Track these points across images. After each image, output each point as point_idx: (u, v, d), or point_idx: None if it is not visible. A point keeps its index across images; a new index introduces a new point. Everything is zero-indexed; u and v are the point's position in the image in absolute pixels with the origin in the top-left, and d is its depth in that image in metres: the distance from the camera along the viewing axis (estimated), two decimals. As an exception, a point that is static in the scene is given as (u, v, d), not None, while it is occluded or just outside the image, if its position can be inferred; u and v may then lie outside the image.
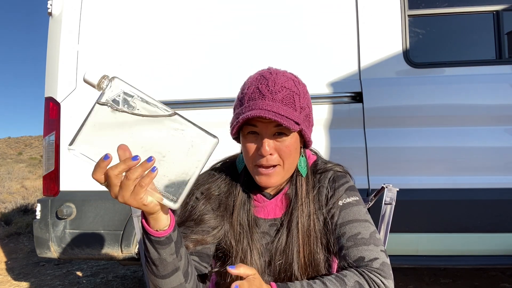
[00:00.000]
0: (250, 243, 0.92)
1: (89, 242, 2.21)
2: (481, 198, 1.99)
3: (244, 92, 0.89)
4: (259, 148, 0.86)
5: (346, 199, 0.92)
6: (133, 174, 0.60)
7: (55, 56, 2.31)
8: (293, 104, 0.85)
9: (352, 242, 0.86)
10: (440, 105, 2.06)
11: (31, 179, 13.16)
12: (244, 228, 0.92)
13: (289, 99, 0.85)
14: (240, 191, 0.95)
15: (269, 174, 0.88)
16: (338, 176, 0.96)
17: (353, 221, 0.88)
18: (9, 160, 35.58)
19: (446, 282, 2.90)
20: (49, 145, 2.25)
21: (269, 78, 0.87)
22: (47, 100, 2.29)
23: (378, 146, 2.07)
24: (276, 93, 0.84)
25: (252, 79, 0.90)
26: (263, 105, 0.83)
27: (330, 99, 2.11)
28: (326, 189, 0.95)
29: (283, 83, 0.86)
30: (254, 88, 0.87)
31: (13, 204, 7.41)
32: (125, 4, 2.30)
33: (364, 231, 0.87)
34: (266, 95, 0.84)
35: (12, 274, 3.65)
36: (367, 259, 0.83)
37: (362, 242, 0.85)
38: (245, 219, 0.93)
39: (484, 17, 2.19)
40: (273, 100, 0.83)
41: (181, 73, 2.23)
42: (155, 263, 0.74)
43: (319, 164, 1.00)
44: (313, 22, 2.16)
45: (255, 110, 0.82)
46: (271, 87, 0.85)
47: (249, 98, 0.86)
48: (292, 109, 0.85)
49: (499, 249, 2.02)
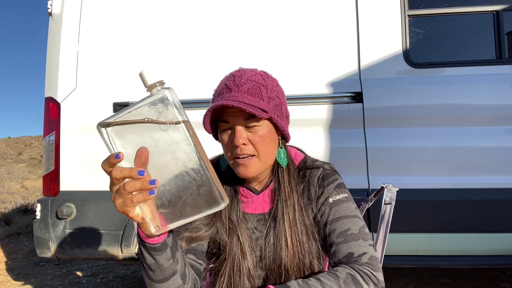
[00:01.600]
0: (241, 237, 0.94)
1: (89, 242, 2.21)
2: (481, 198, 1.99)
3: (215, 90, 0.94)
4: (233, 140, 0.88)
5: (336, 196, 0.94)
6: (129, 187, 0.60)
7: (55, 56, 2.32)
8: (260, 94, 0.87)
9: (342, 238, 0.88)
10: (440, 105, 2.06)
11: (31, 179, 13.16)
12: (234, 223, 0.95)
13: (254, 89, 0.87)
14: (227, 187, 0.98)
15: (245, 163, 0.89)
16: (327, 174, 0.98)
17: (343, 218, 0.91)
18: (9, 160, 35.59)
19: (446, 282, 2.90)
20: (49, 145, 2.25)
21: (237, 74, 0.91)
22: (47, 100, 2.29)
23: (378, 146, 2.07)
24: (241, 85, 0.87)
25: (223, 79, 0.94)
26: (228, 97, 0.86)
27: (330, 99, 2.11)
28: (315, 186, 0.96)
29: (249, 77, 0.89)
30: (222, 85, 0.91)
31: (13, 204, 7.41)
32: (125, 4, 2.30)
33: (354, 226, 0.90)
34: (232, 88, 0.87)
35: (12, 274, 3.65)
36: (356, 254, 0.86)
37: (352, 238, 0.88)
38: (233, 214, 0.96)
39: (484, 17, 2.19)
40: (239, 91, 0.86)
41: (181, 73, 2.23)
42: (152, 268, 0.75)
43: (308, 162, 1.02)
44: (313, 22, 2.16)
45: (220, 101, 0.85)
46: (237, 81, 0.88)
47: (218, 94, 0.91)
48: (259, 98, 0.87)
49: (499, 249, 2.02)
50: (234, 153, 0.89)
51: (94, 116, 2.23)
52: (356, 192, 1.09)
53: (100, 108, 2.23)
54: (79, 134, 2.23)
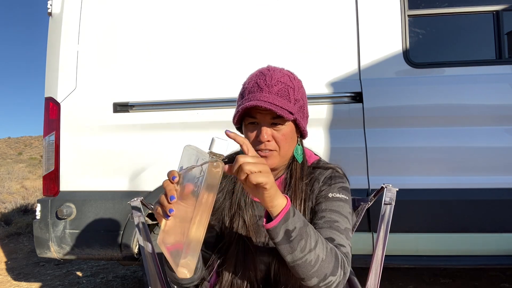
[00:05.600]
0: (247, 221, 1.00)
1: (89, 242, 2.21)
2: (481, 198, 1.99)
3: (245, 86, 0.99)
4: (258, 136, 0.95)
5: (336, 194, 0.99)
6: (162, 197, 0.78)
7: (55, 56, 2.31)
8: (288, 96, 0.95)
9: (328, 225, 0.93)
10: (440, 105, 2.06)
11: (31, 179, 13.16)
12: (241, 208, 1.01)
13: (284, 91, 0.95)
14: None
15: (267, 155, 0.97)
16: (336, 176, 1.03)
17: (335, 212, 0.96)
18: (9, 160, 35.59)
19: (446, 282, 2.90)
20: (49, 145, 2.25)
21: (267, 74, 0.97)
22: (47, 100, 2.29)
23: (378, 146, 2.07)
24: (272, 86, 0.94)
25: (252, 75, 1.00)
26: (260, 97, 0.92)
27: (330, 99, 2.11)
28: (320, 183, 1.02)
29: (279, 78, 0.96)
30: (253, 83, 0.97)
31: (13, 204, 7.41)
32: (125, 4, 2.30)
33: (343, 223, 0.94)
34: (264, 88, 0.94)
35: (12, 274, 3.65)
36: (336, 242, 0.90)
37: (337, 229, 0.92)
38: (242, 200, 1.03)
39: (484, 17, 2.19)
40: (270, 92, 0.93)
41: (181, 73, 2.22)
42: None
43: (321, 163, 1.08)
44: (313, 22, 2.16)
45: (253, 101, 0.92)
46: (268, 82, 0.95)
47: (249, 92, 0.96)
48: (287, 100, 0.94)
49: (499, 249, 2.02)
50: (257, 146, 0.96)
51: (94, 116, 2.24)
52: (356, 192, 1.10)
53: (100, 108, 2.23)
54: (79, 134, 2.23)
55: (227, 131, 0.77)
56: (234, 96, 1.03)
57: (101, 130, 2.23)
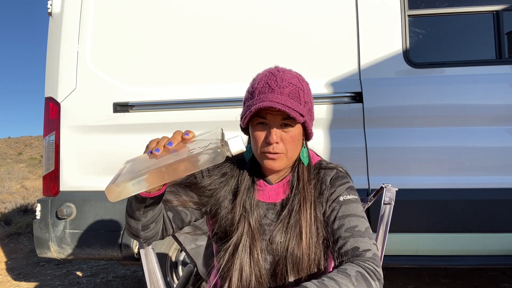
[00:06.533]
0: (252, 222, 1.00)
1: (89, 242, 2.21)
2: (481, 198, 1.99)
3: (255, 86, 0.98)
4: (267, 137, 0.95)
5: (346, 195, 1.00)
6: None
7: (55, 56, 2.32)
8: (298, 98, 0.94)
9: (349, 233, 0.93)
10: (440, 105, 2.06)
11: (31, 179, 13.16)
12: (247, 210, 1.01)
13: (294, 93, 0.94)
14: (247, 176, 1.05)
15: (274, 158, 0.96)
16: (340, 176, 1.04)
17: (351, 215, 0.96)
18: (9, 160, 35.59)
19: (446, 282, 2.90)
20: (49, 145, 2.25)
21: (277, 74, 0.96)
22: (47, 100, 2.29)
23: (378, 146, 2.07)
24: (284, 87, 0.93)
25: (262, 75, 0.99)
26: (272, 98, 0.91)
27: (330, 99, 2.11)
28: (327, 184, 1.03)
29: (290, 80, 0.95)
30: (264, 83, 0.95)
31: (13, 204, 7.42)
32: (125, 4, 2.30)
33: (361, 225, 0.95)
34: (275, 89, 0.93)
35: (12, 274, 3.65)
36: (362, 249, 0.91)
37: (358, 234, 0.93)
38: (247, 202, 1.02)
39: (484, 17, 2.19)
40: (281, 93, 0.93)
41: (181, 73, 2.23)
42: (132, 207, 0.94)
43: (323, 163, 1.09)
44: (313, 22, 2.16)
45: (266, 102, 0.91)
46: (279, 82, 0.94)
47: (259, 92, 0.95)
48: (298, 102, 0.94)
49: (499, 249, 2.02)
50: (265, 148, 0.96)
51: (94, 116, 2.24)
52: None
53: (100, 108, 2.23)
54: (79, 134, 2.23)
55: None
56: (234, 96, 1.03)
57: (101, 130, 2.23)
